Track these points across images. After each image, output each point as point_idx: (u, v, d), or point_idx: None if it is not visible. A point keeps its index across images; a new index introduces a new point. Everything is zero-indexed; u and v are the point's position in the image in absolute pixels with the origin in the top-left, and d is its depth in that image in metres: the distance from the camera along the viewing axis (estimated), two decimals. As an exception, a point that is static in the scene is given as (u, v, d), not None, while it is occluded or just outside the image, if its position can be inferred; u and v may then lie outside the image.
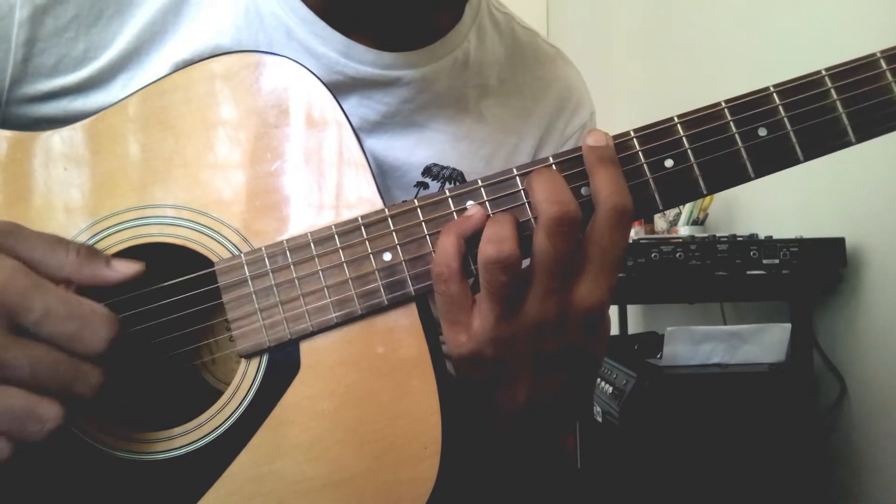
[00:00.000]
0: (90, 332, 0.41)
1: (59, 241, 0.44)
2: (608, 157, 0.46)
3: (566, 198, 0.44)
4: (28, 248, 0.42)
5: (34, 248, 0.43)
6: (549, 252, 0.43)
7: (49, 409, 0.40)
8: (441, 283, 0.45)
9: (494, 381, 0.47)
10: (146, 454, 0.47)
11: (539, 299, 0.44)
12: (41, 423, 0.40)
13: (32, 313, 0.40)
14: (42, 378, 0.40)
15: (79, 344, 0.41)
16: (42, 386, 0.40)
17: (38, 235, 0.43)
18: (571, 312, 0.45)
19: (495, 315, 0.44)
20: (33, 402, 0.40)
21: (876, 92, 0.46)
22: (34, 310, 0.40)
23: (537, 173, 0.46)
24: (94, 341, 0.41)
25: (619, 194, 0.44)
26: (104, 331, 0.41)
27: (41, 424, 0.40)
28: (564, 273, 0.44)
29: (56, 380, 0.40)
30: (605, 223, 0.44)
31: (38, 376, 0.40)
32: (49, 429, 0.40)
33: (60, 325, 0.40)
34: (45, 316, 0.40)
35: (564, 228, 0.43)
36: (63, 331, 0.40)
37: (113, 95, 0.55)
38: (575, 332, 0.45)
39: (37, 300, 0.40)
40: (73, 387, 0.41)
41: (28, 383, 0.40)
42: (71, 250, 0.44)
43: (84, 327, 0.41)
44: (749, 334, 1.38)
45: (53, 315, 0.40)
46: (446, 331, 0.46)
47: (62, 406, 0.40)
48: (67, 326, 0.40)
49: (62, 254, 0.43)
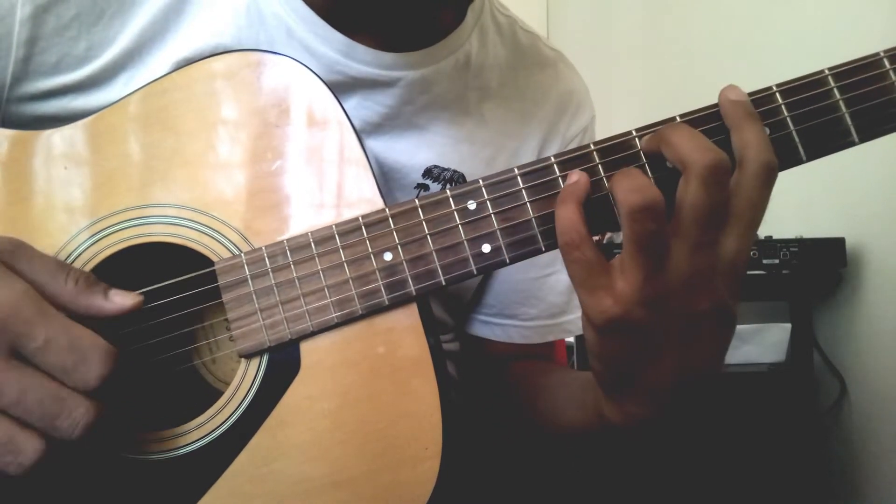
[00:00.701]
0: (85, 367, 0.40)
1: (61, 267, 0.43)
2: (753, 112, 0.44)
3: (715, 146, 0.42)
4: (33, 270, 0.42)
5: (39, 271, 0.42)
6: (703, 201, 0.41)
7: (28, 442, 0.39)
8: (574, 249, 0.43)
9: (641, 354, 0.44)
10: (146, 454, 0.46)
11: (688, 253, 0.41)
12: (16, 455, 0.39)
13: (34, 342, 0.39)
14: (27, 408, 0.39)
15: (73, 377, 0.40)
16: (26, 416, 0.39)
17: (42, 258, 0.43)
18: (720, 267, 0.42)
19: (644, 272, 0.41)
20: (13, 432, 0.39)
21: (879, 92, 0.46)
22: (36, 338, 0.39)
23: (671, 129, 0.44)
24: (88, 377, 0.40)
25: (768, 150, 0.43)
26: (99, 368, 0.40)
27: (15, 456, 0.39)
28: (715, 225, 0.42)
29: (40, 413, 0.39)
30: (756, 178, 0.42)
31: (23, 405, 0.39)
32: (23, 463, 0.39)
33: (58, 356, 0.40)
34: (46, 345, 0.39)
35: (720, 176, 0.41)
36: (60, 362, 0.40)
37: (114, 94, 0.55)
38: (722, 289, 0.43)
39: (40, 329, 0.39)
40: (56, 422, 0.39)
41: (12, 411, 0.39)
42: (70, 278, 0.43)
43: (81, 361, 0.40)
44: (749, 334, 1.37)
45: (53, 345, 0.39)
46: (587, 299, 0.43)
47: (43, 442, 0.39)
48: (65, 359, 0.40)
49: (61, 281, 0.42)
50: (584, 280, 0.43)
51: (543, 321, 0.74)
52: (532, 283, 0.73)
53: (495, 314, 0.74)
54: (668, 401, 0.46)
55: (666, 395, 0.45)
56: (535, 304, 0.73)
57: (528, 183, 0.47)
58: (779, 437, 1.31)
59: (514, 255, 0.47)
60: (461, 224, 0.47)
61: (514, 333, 0.73)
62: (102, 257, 0.48)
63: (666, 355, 0.44)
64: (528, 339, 0.73)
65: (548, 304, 0.73)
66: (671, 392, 0.45)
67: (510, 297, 0.73)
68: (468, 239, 0.47)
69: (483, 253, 0.47)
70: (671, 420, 0.47)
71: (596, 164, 0.46)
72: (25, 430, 0.39)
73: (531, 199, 0.47)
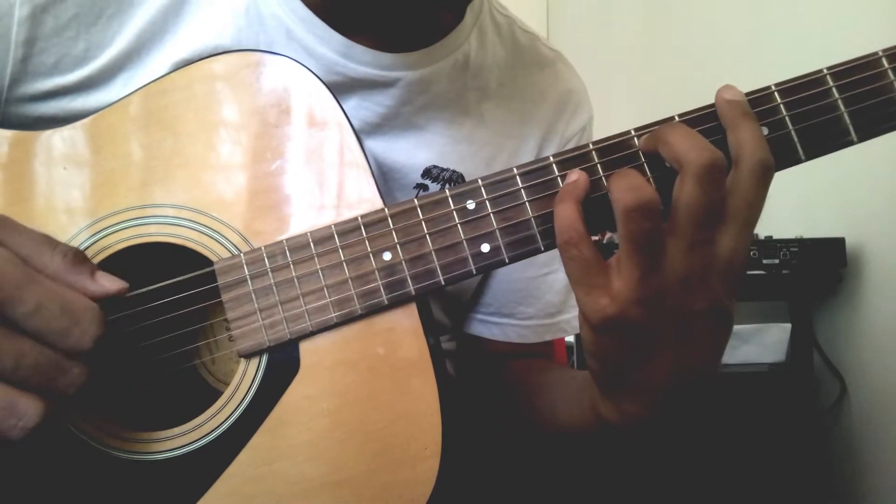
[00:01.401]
0: (80, 329, 0.40)
1: (48, 241, 0.43)
2: (749, 111, 0.44)
3: (711, 146, 0.42)
4: (18, 242, 0.42)
5: (23, 243, 0.42)
6: (698, 200, 0.41)
7: (29, 404, 0.39)
8: (572, 248, 0.43)
9: (637, 353, 0.44)
10: (146, 454, 0.46)
11: (683, 252, 0.42)
12: (18, 418, 0.39)
13: (24, 306, 0.39)
14: (25, 372, 0.39)
15: (67, 341, 0.40)
16: (24, 380, 0.39)
17: (28, 231, 0.43)
18: (716, 266, 0.42)
19: (640, 271, 0.42)
20: (13, 397, 0.39)
21: (878, 91, 0.46)
22: (26, 302, 0.39)
23: (668, 128, 0.44)
24: (83, 339, 0.40)
25: (764, 149, 0.43)
26: (93, 328, 0.41)
27: (18, 419, 0.39)
28: (711, 224, 0.42)
29: (39, 375, 0.40)
30: (752, 177, 0.42)
31: (20, 370, 0.39)
32: (27, 425, 0.39)
33: (50, 320, 0.40)
34: (37, 310, 0.39)
35: (716, 175, 0.41)
36: (52, 327, 0.40)
37: (113, 95, 0.55)
38: (718, 289, 0.43)
39: (30, 293, 0.39)
40: (55, 383, 0.40)
41: (9, 377, 0.39)
42: (57, 253, 0.43)
43: (74, 324, 0.40)
44: (749, 334, 1.37)
45: (45, 310, 0.40)
46: (583, 298, 0.44)
47: (43, 403, 0.40)
48: (57, 323, 0.40)
49: (48, 255, 0.42)
50: (581, 278, 0.43)
51: (541, 320, 0.74)
52: (530, 282, 0.73)
53: (493, 313, 0.74)
54: (664, 400, 0.46)
55: (662, 394, 0.45)
56: (532, 304, 0.73)
57: (527, 182, 0.47)
58: (779, 437, 1.31)
59: (513, 254, 0.47)
60: (460, 224, 0.47)
61: (511, 333, 0.73)
62: (102, 257, 0.48)
63: (662, 354, 0.44)
64: (525, 338, 0.73)
65: (545, 304, 0.73)
66: (668, 391, 0.45)
67: (508, 296, 0.73)
68: (467, 239, 0.47)
69: (482, 252, 0.47)
70: (668, 419, 0.47)
71: (595, 163, 0.46)
72: (25, 393, 0.40)
73: (530, 199, 0.47)
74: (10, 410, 0.39)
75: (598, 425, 0.51)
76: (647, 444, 0.49)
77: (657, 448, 0.47)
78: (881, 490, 1.31)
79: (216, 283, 0.47)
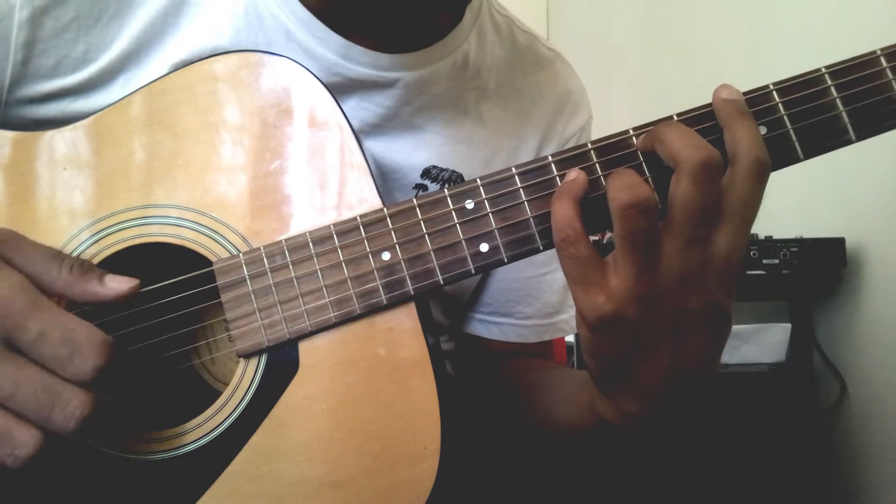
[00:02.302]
0: (80, 358, 0.40)
1: (56, 255, 0.43)
2: (745, 110, 0.44)
3: (707, 144, 0.42)
4: (26, 259, 0.42)
5: (32, 261, 0.42)
6: (693, 199, 0.41)
7: (23, 434, 0.39)
8: (569, 246, 0.43)
9: (634, 351, 0.44)
10: (145, 454, 0.46)
11: (680, 250, 0.42)
12: (12, 447, 0.39)
13: (27, 334, 0.39)
14: (21, 400, 0.39)
15: (67, 369, 0.40)
16: (21, 409, 0.39)
17: (35, 247, 0.43)
18: (712, 265, 0.42)
19: (636, 269, 0.42)
20: (9, 426, 0.39)
21: (876, 90, 0.46)
22: (30, 331, 0.39)
23: (664, 127, 0.44)
24: (83, 368, 0.40)
25: (760, 147, 0.43)
26: (94, 359, 0.40)
27: (12, 449, 0.39)
28: (707, 222, 0.42)
29: (35, 405, 0.39)
30: (748, 175, 0.42)
31: (17, 398, 0.39)
32: (20, 456, 0.39)
33: (52, 348, 0.39)
34: (40, 338, 0.39)
35: (712, 173, 0.41)
36: (54, 354, 0.39)
37: (112, 96, 0.55)
38: (715, 287, 0.43)
39: (33, 321, 0.39)
40: (51, 414, 0.39)
41: (7, 404, 0.39)
42: (65, 266, 0.42)
43: (75, 352, 0.40)
44: (749, 334, 1.37)
45: (47, 338, 0.39)
46: (580, 296, 0.44)
47: (39, 434, 0.39)
48: (59, 350, 0.39)
49: (55, 269, 0.42)
50: (578, 277, 0.44)
51: (540, 320, 0.74)
52: (528, 281, 0.73)
53: (492, 312, 0.74)
54: (662, 398, 0.46)
55: (660, 393, 0.45)
56: (531, 303, 0.73)
57: (526, 182, 0.47)
58: (779, 437, 1.31)
59: (512, 254, 0.47)
60: (459, 223, 0.47)
61: (510, 332, 0.73)
62: (102, 257, 0.48)
63: (659, 353, 0.44)
64: (524, 337, 0.73)
65: (544, 303, 0.73)
66: (665, 390, 0.45)
67: (506, 296, 0.73)
68: (466, 238, 0.47)
69: (481, 252, 0.47)
70: (667, 418, 0.47)
71: (593, 163, 0.46)
72: (22, 422, 0.39)
73: (529, 199, 0.47)
74: (5, 439, 0.39)
75: (596, 424, 0.51)
76: (646, 443, 0.49)
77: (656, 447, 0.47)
78: (881, 489, 1.31)
79: (215, 283, 0.48)
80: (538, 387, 0.66)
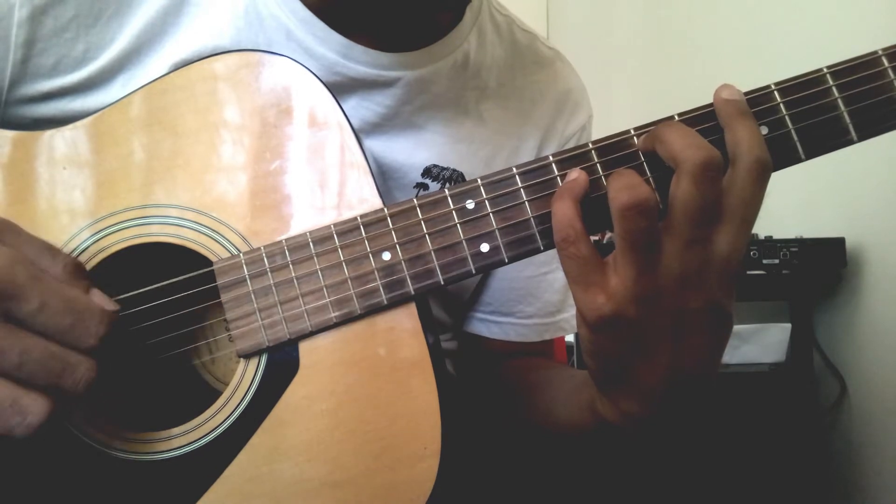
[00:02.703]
0: (84, 327, 0.40)
1: (50, 248, 0.43)
2: (746, 110, 0.44)
3: (708, 144, 0.42)
4: (19, 246, 0.42)
5: (27, 249, 0.42)
6: (693, 199, 0.41)
7: (34, 402, 0.39)
8: (569, 245, 0.43)
9: (634, 351, 0.44)
10: (145, 454, 0.46)
11: (680, 250, 0.42)
12: (23, 415, 0.39)
13: (28, 304, 0.39)
14: (30, 369, 0.39)
15: (71, 338, 0.40)
16: (30, 378, 0.39)
17: (29, 237, 0.43)
18: (713, 265, 0.42)
19: (636, 269, 0.42)
20: (18, 394, 0.39)
21: (877, 90, 0.46)
22: (30, 300, 0.39)
23: (665, 127, 0.44)
24: (87, 336, 0.40)
25: (761, 147, 0.43)
26: (98, 327, 0.41)
27: (23, 417, 0.39)
28: (707, 222, 0.42)
29: (44, 372, 0.39)
30: (749, 176, 0.42)
31: (25, 367, 0.39)
32: (32, 423, 0.39)
33: (55, 318, 0.40)
34: (41, 308, 0.39)
35: (712, 173, 0.41)
36: (57, 324, 0.40)
37: (112, 96, 0.55)
38: (715, 288, 0.43)
39: (34, 291, 0.39)
40: (60, 380, 0.40)
41: (15, 374, 0.39)
42: (58, 262, 0.42)
43: (78, 322, 0.40)
44: (749, 334, 1.37)
45: (49, 308, 0.40)
46: (580, 296, 0.44)
47: (49, 401, 0.40)
48: (62, 320, 0.40)
49: (48, 262, 0.42)
50: (578, 276, 0.44)
51: (540, 319, 0.74)
52: (529, 280, 0.73)
53: (492, 312, 0.74)
54: (662, 398, 0.46)
55: (660, 393, 0.45)
56: (532, 302, 0.73)
57: (527, 182, 0.47)
58: (779, 437, 1.31)
59: (513, 254, 0.47)
60: (459, 223, 0.47)
61: (510, 331, 0.73)
62: (103, 257, 0.48)
63: (659, 353, 0.44)
64: (524, 337, 0.73)
65: (544, 302, 0.73)
66: (665, 390, 0.45)
67: (507, 295, 0.73)
68: (467, 238, 0.47)
69: (481, 252, 0.47)
70: (666, 418, 0.47)
71: (594, 163, 0.46)
72: (31, 391, 0.39)
73: (529, 199, 0.47)
74: (15, 408, 0.39)
75: (596, 424, 0.51)
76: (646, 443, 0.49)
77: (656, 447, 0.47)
78: (881, 490, 1.31)
79: (215, 283, 0.47)
80: (539, 386, 0.66)
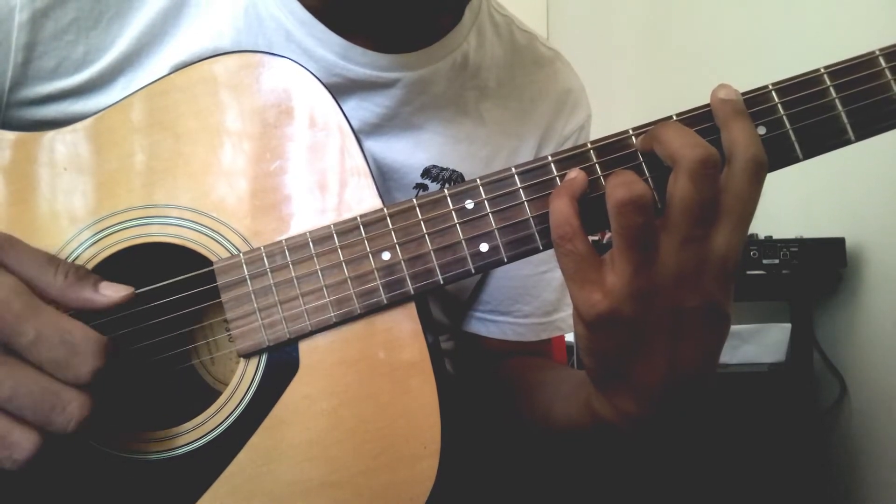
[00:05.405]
0: (77, 361, 0.40)
1: (51, 260, 0.43)
2: (742, 109, 0.45)
3: (705, 142, 0.42)
4: (21, 263, 0.42)
5: (27, 266, 0.42)
6: (691, 196, 0.41)
7: (23, 437, 0.39)
8: (566, 242, 0.43)
9: (631, 349, 0.44)
10: (145, 454, 0.46)
11: (677, 248, 0.42)
12: (10, 450, 0.39)
13: (24, 337, 0.39)
14: (20, 403, 0.39)
15: (65, 371, 0.40)
16: (20, 412, 0.39)
17: (31, 252, 0.43)
18: (710, 263, 0.42)
19: (632, 266, 0.42)
20: (8, 428, 0.39)
21: (875, 90, 0.46)
22: (26, 334, 0.39)
23: (663, 127, 0.44)
24: (80, 371, 0.40)
25: (756, 145, 0.43)
26: (91, 361, 0.40)
27: (10, 452, 0.39)
28: (704, 220, 0.42)
29: (35, 407, 0.39)
30: (745, 174, 0.42)
31: (16, 400, 0.39)
32: (18, 459, 0.39)
33: (50, 351, 0.39)
34: (37, 340, 0.39)
35: (709, 171, 0.41)
36: (51, 357, 0.40)
37: (113, 98, 0.55)
38: (712, 286, 0.43)
39: (30, 323, 0.39)
40: (50, 417, 0.39)
41: (6, 406, 0.39)
42: (60, 272, 0.43)
43: (72, 355, 0.40)
44: (749, 334, 1.37)
45: (45, 341, 0.39)
46: (577, 293, 0.44)
47: (38, 437, 0.39)
48: (56, 353, 0.40)
49: (50, 275, 0.42)
50: (575, 274, 0.44)
51: (538, 318, 0.74)
52: (527, 280, 0.73)
53: (490, 311, 0.74)
54: (659, 398, 0.46)
55: (657, 392, 0.45)
56: (529, 302, 0.73)
57: (526, 182, 0.47)
58: (779, 437, 1.31)
59: (512, 254, 0.47)
60: (459, 223, 0.47)
61: (508, 331, 0.74)
62: (103, 257, 0.48)
63: (656, 351, 0.44)
64: (522, 336, 0.74)
65: (542, 302, 0.74)
66: (663, 389, 0.45)
67: (505, 294, 0.73)
68: (466, 238, 0.47)
69: (481, 252, 0.47)
70: (664, 417, 0.47)
71: (593, 163, 0.46)
72: (20, 425, 0.39)
73: (528, 199, 0.47)
74: (3, 442, 0.39)
75: (594, 423, 0.51)
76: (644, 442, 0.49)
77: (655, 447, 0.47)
78: (881, 490, 1.31)
79: (216, 283, 0.48)
80: (536, 385, 0.66)
